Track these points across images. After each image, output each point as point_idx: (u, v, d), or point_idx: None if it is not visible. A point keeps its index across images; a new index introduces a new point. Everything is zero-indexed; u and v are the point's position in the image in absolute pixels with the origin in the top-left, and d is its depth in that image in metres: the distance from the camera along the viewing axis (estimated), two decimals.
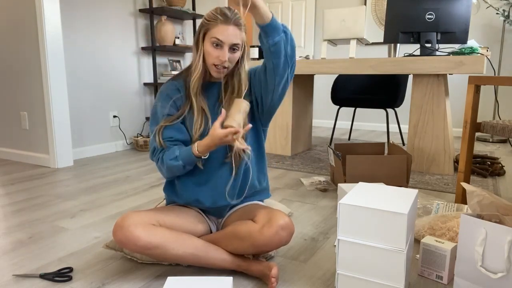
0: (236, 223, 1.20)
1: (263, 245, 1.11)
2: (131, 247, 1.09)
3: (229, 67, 1.21)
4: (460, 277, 1.02)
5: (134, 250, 1.10)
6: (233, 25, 1.16)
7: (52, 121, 2.61)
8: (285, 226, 1.11)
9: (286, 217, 1.13)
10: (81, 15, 2.90)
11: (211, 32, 1.17)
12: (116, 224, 1.11)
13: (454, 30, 2.31)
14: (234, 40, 1.17)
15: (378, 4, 4.33)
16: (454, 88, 4.14)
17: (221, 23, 1.15)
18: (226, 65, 1.19)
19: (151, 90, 3.56)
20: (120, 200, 1.96)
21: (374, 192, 1.10)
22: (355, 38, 2.66)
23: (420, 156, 2.51)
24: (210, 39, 1.17)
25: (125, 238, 1.08)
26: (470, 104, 1.69)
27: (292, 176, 2.41)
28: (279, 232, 1.10)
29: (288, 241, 1.13)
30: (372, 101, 3.30)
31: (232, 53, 1.19)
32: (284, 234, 1.11)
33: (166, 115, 1.24)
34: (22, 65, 2.70)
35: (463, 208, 1.58)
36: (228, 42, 1.16)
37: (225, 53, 1.16)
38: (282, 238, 1.11)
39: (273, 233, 1.10)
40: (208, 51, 1.18)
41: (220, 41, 1.16)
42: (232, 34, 1.16)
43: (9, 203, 1.92)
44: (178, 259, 1.14)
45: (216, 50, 1.17)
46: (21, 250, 1.39)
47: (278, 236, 1.10)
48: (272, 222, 1.11)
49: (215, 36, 1.16)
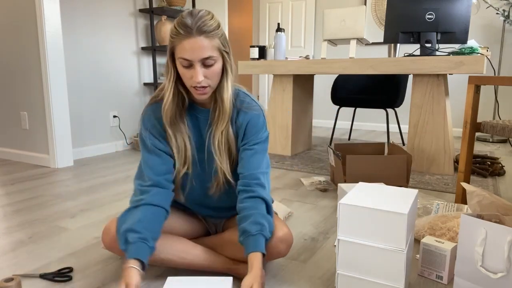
0: (235, 229, 1.17)
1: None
2: (117, 252, 1.08)
3: (211, 85, 1.04)
4: (460, 277, 1.02)
5: (121, 255, 1.08)
6: (198, 36, 0.96)
7: (52, 121, 2.61)
8: (283, 239, 1.08)
9: (285, 227, 1.11)
10: (81, 15, 2.89)
11: (177, 51, 0.99)
12: (104, 229, 1.10)
13: (454, 30, 2.31)
14: (202, 54, 0.97)
15: (378, 4, 4.33)
16: (454, 88, 4.14)
17: (183, 38, 0.96)
18: (204, 85, 1.01)
19: (151, 90, 3.56)
20: (120, 200, 1.96)
21: (374, 192, 1.10)
22: (355, 38, 2.66)
23: (420, 156, 2.51)
24: (178, 60, 1.00)
25: (112, 242, 1.07)
26: (470, 104, 1.69)
27: (292, 176, 2.41)
28: (277, 245, 1.08)
29: (287, 253, 1.12)
30: (372, 101, 3.30)
31: (208, 68, 1.00)
32: (282, 247, 1.09)
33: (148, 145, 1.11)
34: (22, 65, 2.70)
35: (463, 208, 1.58)
36: (197, 58, 0.97)
37: (198, 73, 0.98)
38: (280, 251, 1.09)
39: (272, 245, 1.08)
40: (181, 73, 1.02)
41: (187, 60, 0.98)
42: (198, 47, 0.96)
43: (9, 203, 1.92)
44: (169, 262, 1.12)
45: (189, 71, 1.00)
46: (21, 250, 1.39)
47: (277, 249, 1.09)
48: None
49: (180, 56, 0.98)
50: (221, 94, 1.07)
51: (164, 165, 1.10)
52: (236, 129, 1.13)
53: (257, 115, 1.13)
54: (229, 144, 1.13)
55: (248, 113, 1.13)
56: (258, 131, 1.13)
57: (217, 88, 1.08)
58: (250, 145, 1.12)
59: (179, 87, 1.07)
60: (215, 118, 1.10)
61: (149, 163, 1.09)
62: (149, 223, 1.02)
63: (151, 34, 3.36)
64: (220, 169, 1.12)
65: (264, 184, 1.11)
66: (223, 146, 1.11)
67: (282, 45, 2.87)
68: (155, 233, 1.03)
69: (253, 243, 1.01)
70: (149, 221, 1.02)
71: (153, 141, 1.10)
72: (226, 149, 1.12)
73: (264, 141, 1.15)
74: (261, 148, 1.13)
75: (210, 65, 1.00)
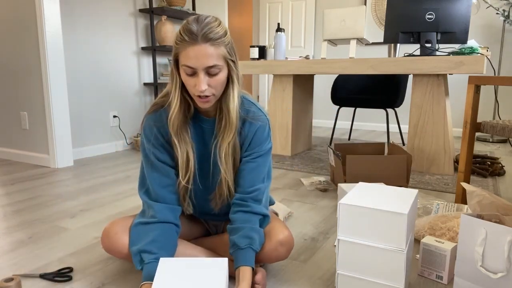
0: None
1: (260, 259, 1.09)
2: (116, 254, 1.08)
3: (215, 94, 1.00)
4: (460, 277, 1.02)
5: (120, 257, 1.08)
6: (202, 43, 0.92)
7: (52, 121, 2.61)
8: (284, 242, 1.08)
9: (286, 230, 1.10)
10: (81, 15, 2.90)
11: (181, 59, 0.96)
12: (104, 231, 1.09)
13: (454, 30, 2.31)
14: (207, 62, 0.94)
15: (378, 4, 4.33)
16: (454, 88, 4.14)
17: (188, 45, 0.93)
18: (208, 94, 0.98)
19: (151, 90, 3.56)
20: (120, 200, 1.96)
21: (374, 192, 1.10)
22: (355, 38, 2.66)
23: (420, 156, 2.51)
24: (182, 68, 0.97)
25: (111, 245, 1.07)
26: (470, 104, 1.69)
27: (292, 176, 2.41)
28: (278, 248, 1.08)
29: (287, 257, 1.12)
30: (372, 101, 3.30)
31: (212, 77, 0.97)
32: (283, 251, 1.09)
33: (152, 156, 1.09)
34: (22, 65, 2.70)
35: (463, 208, 1.58)
36: (201, 66, 0.94)
37: (201, 81, 0.95)
38: (280, 254, 1.09)
39: (272, 248, 1.07)
40: (184, 81, 0.99)
41: (191, 68, 0.95)
42: (203, 55, 0.93)
43: (9, 203, 1.92)
44: None
45: (192, 79, 0.97)
46: (21, 250, 1.39)
47: (277, 252, 1.08)
48: (271, 236, 1.08)
49: (184, 63, 0.95)
50: (227, 104, 1.04)
51: (168, 178, 1.09)
52: (241, 140, 1.11)
53: (263, 126, 1.11)
54: (235, 155, 1.11)
55: (253, 124, 1.10)
56: (262, 142, 1.12)
57: (222, 97, 1.05)
58: (252, 158, 1.11)
59: (184, 94, 1.04)
60: (222, 129, 1.07)
61: (153, 176, 1.08)
62: (164, 242, 1.02)
63: (151, 34, 3.36)
64: (224, 180, 1.10)
65: (260, 199, 1.10)
66: (229, 157, 1.08)
67: (282, 45, 2.87)
68: (170, 251, 1.03)
69: (242, 257, 1.01)
70: (163, 240, 1.02)
71: (156, 154, 1.08)
72: (232, 159, 1.10)
73: (267, 153, 1.13)
74: (263, 161, 1.12)
75: (214, 74, 0.97)
